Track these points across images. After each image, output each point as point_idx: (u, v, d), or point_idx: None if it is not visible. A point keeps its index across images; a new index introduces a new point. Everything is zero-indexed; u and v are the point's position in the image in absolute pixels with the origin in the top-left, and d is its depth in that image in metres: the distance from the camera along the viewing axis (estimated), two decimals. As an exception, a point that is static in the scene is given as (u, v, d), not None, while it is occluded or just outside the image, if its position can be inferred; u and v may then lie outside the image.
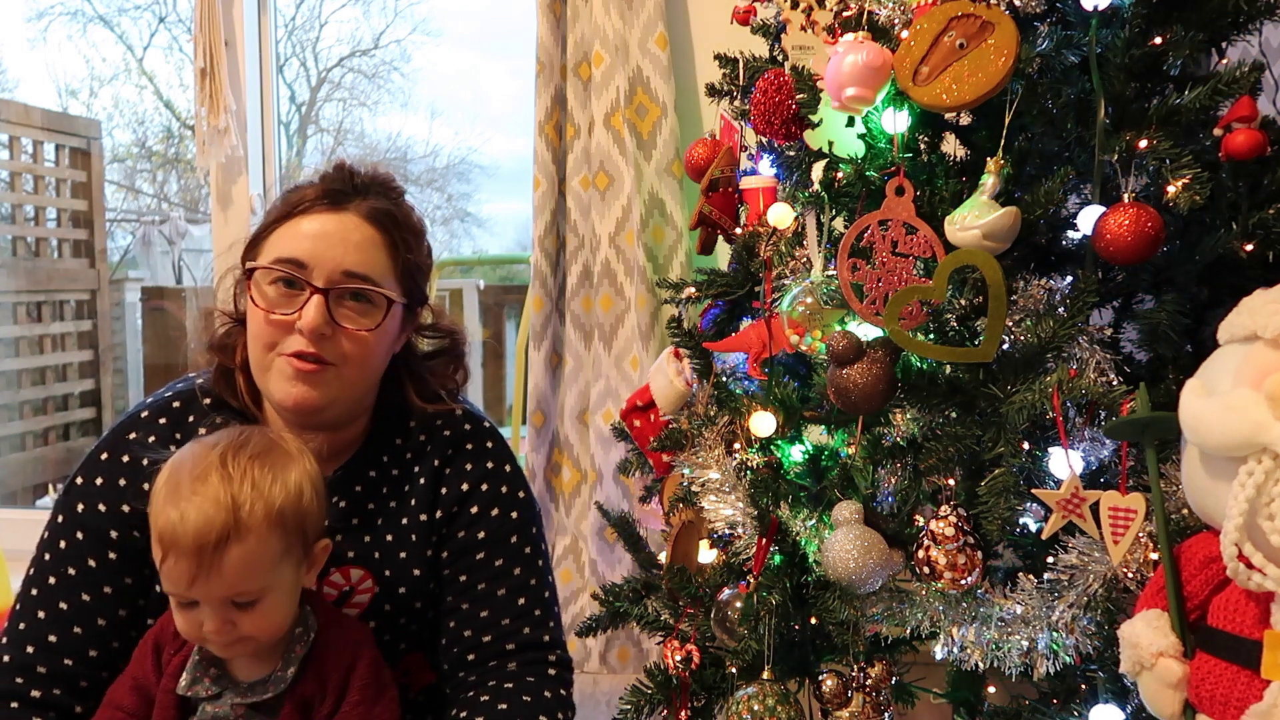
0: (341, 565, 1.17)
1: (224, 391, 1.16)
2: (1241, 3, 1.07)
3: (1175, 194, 0.99)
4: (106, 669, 1.11)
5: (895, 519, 1.17)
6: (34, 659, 1.10)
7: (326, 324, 1.07)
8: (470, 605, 1.18)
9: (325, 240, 1.09)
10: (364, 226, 1.11)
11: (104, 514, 1.12)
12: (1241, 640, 0.82)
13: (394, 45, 6.16)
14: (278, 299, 1.09)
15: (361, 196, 1.12)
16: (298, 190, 1.13)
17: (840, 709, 1.21)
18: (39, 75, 5.80)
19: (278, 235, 1.11)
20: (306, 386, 1.09)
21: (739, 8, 1.42)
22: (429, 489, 1.20)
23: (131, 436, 1.16)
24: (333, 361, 1.09)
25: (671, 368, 1.40)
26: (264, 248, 1.12)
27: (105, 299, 3.97)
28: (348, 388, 1.12)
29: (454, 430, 1.22)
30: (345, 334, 1.09)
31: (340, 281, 1.09)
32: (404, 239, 1.14)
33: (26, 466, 3.69)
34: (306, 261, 1.08)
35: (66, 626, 1.11)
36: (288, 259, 1.08)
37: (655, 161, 2.02)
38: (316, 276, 1.08)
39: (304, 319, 1.07)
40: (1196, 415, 0.82)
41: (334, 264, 1.09)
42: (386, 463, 1.21)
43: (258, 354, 1.10)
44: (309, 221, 1.10)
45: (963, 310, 1.11)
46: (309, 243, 1.09)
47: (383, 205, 1.13)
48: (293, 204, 1.12)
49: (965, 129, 1.24)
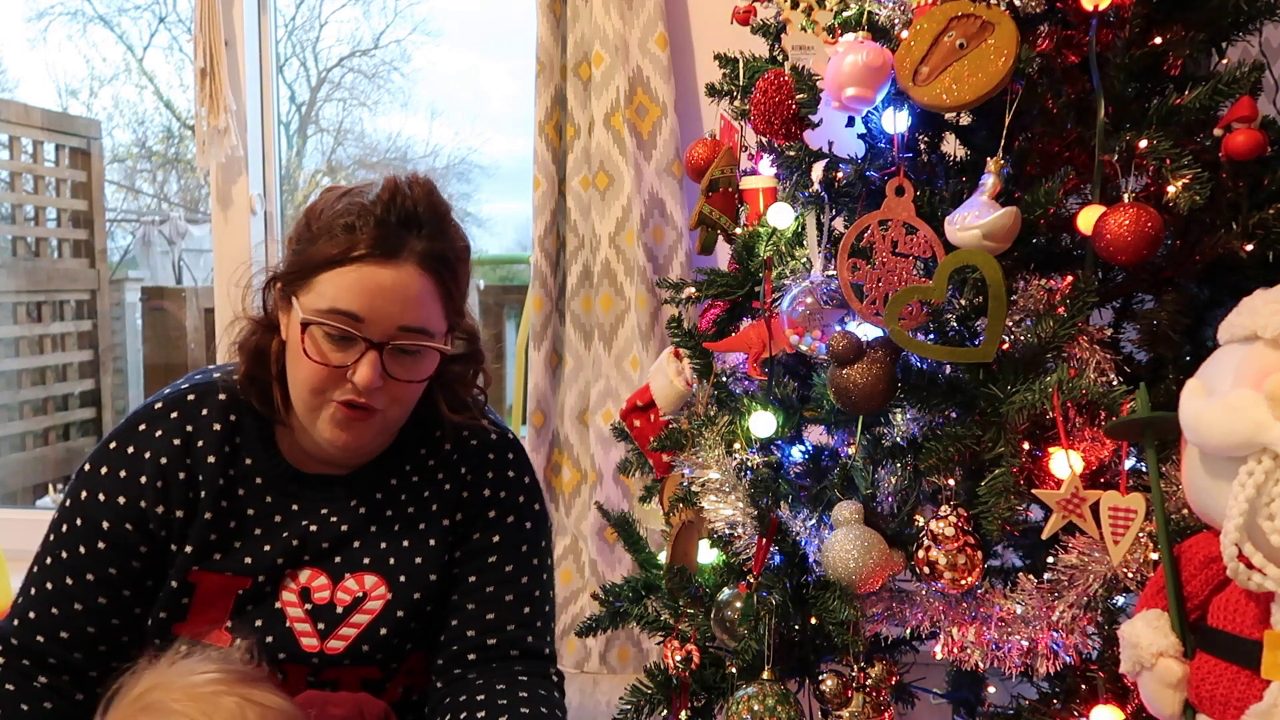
0: (356, 571, 1.17)
1: (254, 398, 1.16)
2: (1241, 3, 1.07)
3: (1175, 194, 0.99)
4: (81, 650, 1.14)
5: (895, 519, 1.17)
6: (23, 631, 1.14)
7: (380, 377, 1.07)
8: (476, 606, 1.19)
9: (383, 296, 1.06)
10: (419, 279, 1.08)
11: (101, 503, 1.14)
12: (1241, 640, 0.82)
13: (394, 45, 6.15)
14: (330, 349, 1.08)
15: (415, 233, 1.08)
16: (349, 228, 1.06)
17: (840, 709, 1.21)
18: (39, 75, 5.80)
19: (329, 281, 1.06)
20: (354, 433, 1.10)
21: (739, 8, 1.42)
22: (453, 495, 1.21)
23: (141, 428, 1.16)
24: (381, 408, 1.10)
25: (671, 368, 1.40)
26: (313, 287, 1.07)
27: (105, 299, 3.97)
28: (393, 424, 1.15)
29: (481, 441, 1.24)
30: (395, 384, 1.10)
31: (396, 337, 1.08)
32: (455, 279, 1.13)
33: (26, 466, 3.69)
34: (363, 316, 1.06)
35: (46, 605, 1.14)
36: (344, 312, 1.06)
37: (655, 161, 2.02)
38: (372, 331, 1.07)
39: (359, 375, 1.06)
40: (1196, 415, 0.82)
41: (390, 320, 1.07)
42: (408, 471, 1.21)
43: (304, 397, 1.10)
44: (364, 273, 1.06)
45: (963, 310, 1.11)
46: (366, 298, 1.06)
47: (436, 249, 1.09)
48: (345, 248, 1.06)
49: (965, 129, 1.24)
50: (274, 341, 1.15)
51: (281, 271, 1.13)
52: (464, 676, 1.17)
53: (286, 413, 1.16)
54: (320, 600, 1.16)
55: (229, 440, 1.16)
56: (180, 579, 1.13)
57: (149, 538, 1.13)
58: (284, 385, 1.14)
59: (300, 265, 1.09)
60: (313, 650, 1.15)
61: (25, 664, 1.13)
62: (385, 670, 1.19)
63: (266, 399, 1.16)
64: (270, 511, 1.17)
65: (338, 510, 1.18)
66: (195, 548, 1.14)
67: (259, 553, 1.15)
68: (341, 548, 1.17)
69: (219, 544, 1.14)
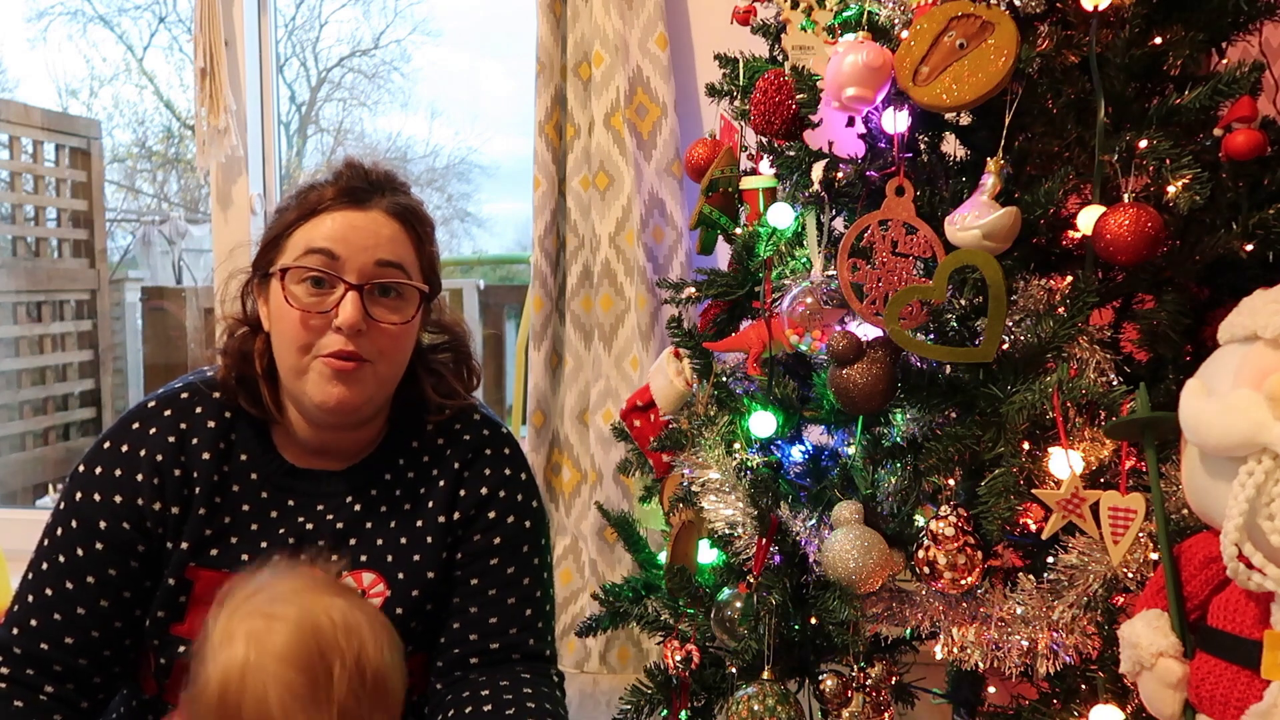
0: (354, 569, 1.16)
1: (244, 399, 1.16)
2: (1241, 3, 1.07)
3: (1175, 194, 0.99)
4: (85, 655, 1.11)
5: (895, 519, 1.17)
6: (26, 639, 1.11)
7: (363, 319, 1.08)
8: (479, 610, 1.18)
9: (355, 232, 1.09)
10: (390, 222, 1.12)
11: (97, 503, 1.13)
12: (1241, 640, 0.82)
13: (394, 45, 6.15)
14: (309, 300, 1.08)
15: (380, 193, 1.13)
16: (314, 189, 1.12)
17: (840, 709, 1.21)
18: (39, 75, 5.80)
19: (301, 233, 1.10)
20: (345, 386, 1.09)
21: (739, 8, 1.42)
22: (448, 491, 1.20)
23: (135, 426, 1.16)
24: (369, 358, 1.10)
25: (671, 368, 1.40)
26: (286, 247, 1.11)
27: (105, 299, 3.97)
28: (382, 384, 1.14)
29: (474, 435, 1.23)
30: (379, 329, 1.10)
31: (374, 274, 1.09)
32: (424, 232, 1.16)
33: (26, 466, 3.69)
34: (339, 253, 1.08)
35: (48, 611, 1.12)
36: (319, 249, 1.08)
37: (655, 161, 2.02)
38: (349, 270, 1.08)
39: (342, 315, 1.07)
40: (1196, 415, 0.82)
41: (367, 255, 1.09)
42: (402, 465, 1.21)
43: (291, 358, 1.10)
44: (333, 218, 1.10)
45: (963, 310, 1.11)
46: (339, 234, 1.08)
47: (403, 200, 1.14)
48: (312, 204, 1.11)
49: (965, 129, 1.24)
50: (258, 340, 1.15)
51: (254, 258, 1.15)
52: (465, 677, 1.17)
53: (278, 410, 1.15)
54: None
55: (224, 436, 1.16)
56: (177, 576, 1.13)
57: (146, 536, 1.13)
58: (272, 382, 1.14)
59: (270, 237, 1.13)
60: None
61: (30, 674, 1.11)
62: None
63: (256, 399, 1.16)
64: (266, 508, 1.16)
65: (334, 507, 1.18)
66: (191, 544, 1.13)
67: (255, 550, 1.15)
68: (339, 546, 1.17)
69: (214, 540, 1.14)
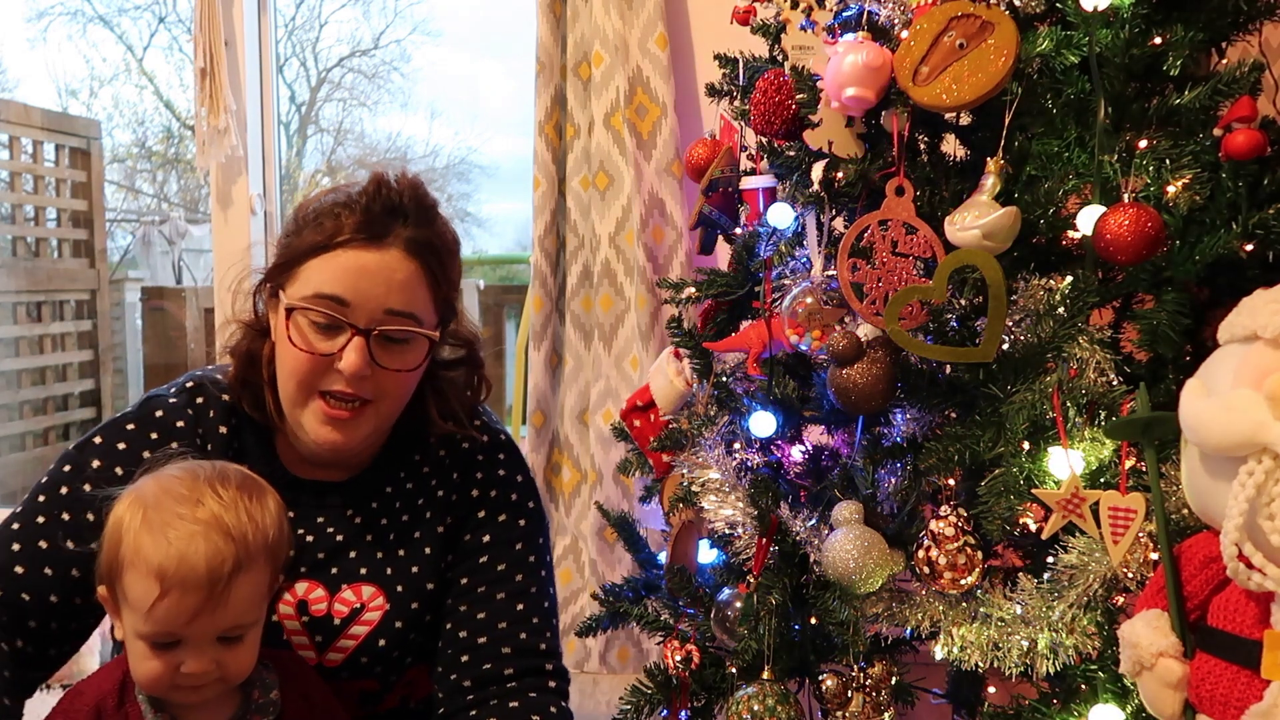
0: (353, 582, 1.15)
1: (247, 403, 1.15)
2: (1241, 3, 1.07)
3: (1175, 194, 0.99)
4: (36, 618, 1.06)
5: (895, 519, 1.17)
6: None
7: (368, 365, 1.06)
8: (468, 608, 1.17)
9: (368, 279, 1.05)
10: (406, 263, 1.07)
11: (96, 470, 1.10)
12: (1241, 640, 0.82)
13: (394, 45, 6.16)
14: (315, 337, 1.06)
15: (401, 222, 1.07)
16: (334, 215, 1.07)
17: (840, 709, 1.21)
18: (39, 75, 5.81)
19: (315, 268, 1.06)
20: (341, 431, 1.08)
21: (739, 8, 1.42)
22: (445, 500, 1.19)
23: (159, 415, 1.14)
24: (370, 398, 1.08)
25: (671, 368, 1.40)
26: (298, 276, 1.07)
27: (105, 299, 3.97)
28: (383, 420, 1.12)
29: (473, 444, 1.22)
30: (384, 374, 1.08)
31: (383, 321, 1.06)
32: (443, 268, 1.11)
33: (26, 466, 3.69)
34: (349, 300, 1.05)
35: (11, 563, 1.06)
36: (329, 296, 1.05)
37: (655, 161, 2.02)
38: (358, 316, 1.05)
39: (345, 362, 1.05)
40: (1196, 415, 0.82)
41: (376, 303, 1.06)
42: (403, 478, 1.20)
43: (291, 390, 1.09)
44: (349, 257, 1.05)
45: (963, 310, 1.11)
46: (350, 281, 1.05)
47: (423, 235, 1.09)
48: (330, 234, 1.06)
49: (965, 129, 1.24)
50: (266, 345, 1.14)
51: (268, 268, 1.12)
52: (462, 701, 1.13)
53: (280, 418, 1.14)
54: (317, 612, 1.14)
55: (234, 442, 1.15)
56: None
57: None
58: (276, 390, 1.13)
59: (286, 257, 1.09)
60: (310, 663, 1.13)
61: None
62: (384, 683, 1.18)
63: (259, 404, 1.14)
64: None
65: (334, 520, 1.17)
66: None
67: None
68: (337, 558, 1.16)
69: None
